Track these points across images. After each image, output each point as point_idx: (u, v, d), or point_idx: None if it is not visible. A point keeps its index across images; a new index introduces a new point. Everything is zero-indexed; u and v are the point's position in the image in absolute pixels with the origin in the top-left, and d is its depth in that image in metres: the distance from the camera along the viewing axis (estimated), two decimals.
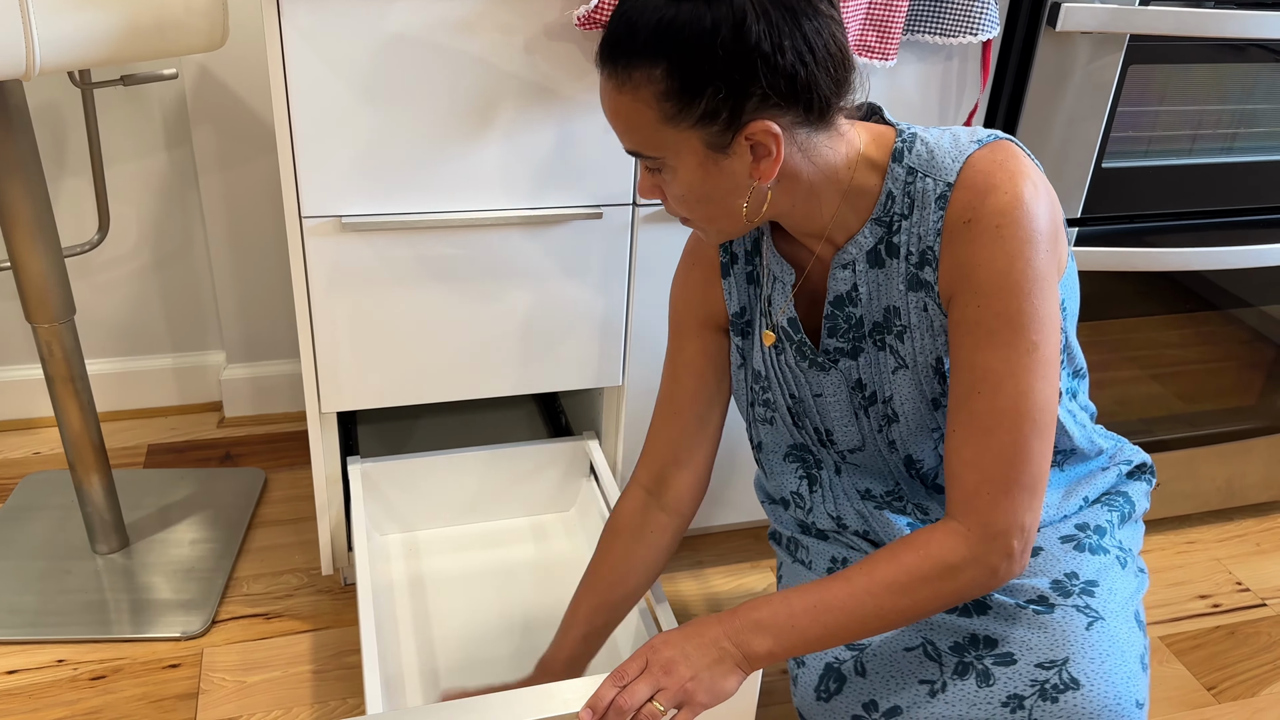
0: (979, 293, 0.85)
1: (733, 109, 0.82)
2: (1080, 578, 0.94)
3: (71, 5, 1.08)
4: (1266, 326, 1.66)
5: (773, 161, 0.85)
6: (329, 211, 1.20)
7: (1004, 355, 0.85)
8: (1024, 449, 0.85)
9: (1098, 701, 0.86)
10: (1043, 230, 0.84)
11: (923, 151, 0.90)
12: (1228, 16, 1.32)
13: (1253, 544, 1.79)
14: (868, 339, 0.97)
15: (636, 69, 0.83)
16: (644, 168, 0.92)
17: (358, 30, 1.11)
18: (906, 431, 0.99)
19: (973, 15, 1.23)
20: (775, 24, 0.80)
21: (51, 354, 1.42)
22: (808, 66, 0.82)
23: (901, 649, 0.97)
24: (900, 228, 0.91)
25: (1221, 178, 1.47)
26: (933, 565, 0.87)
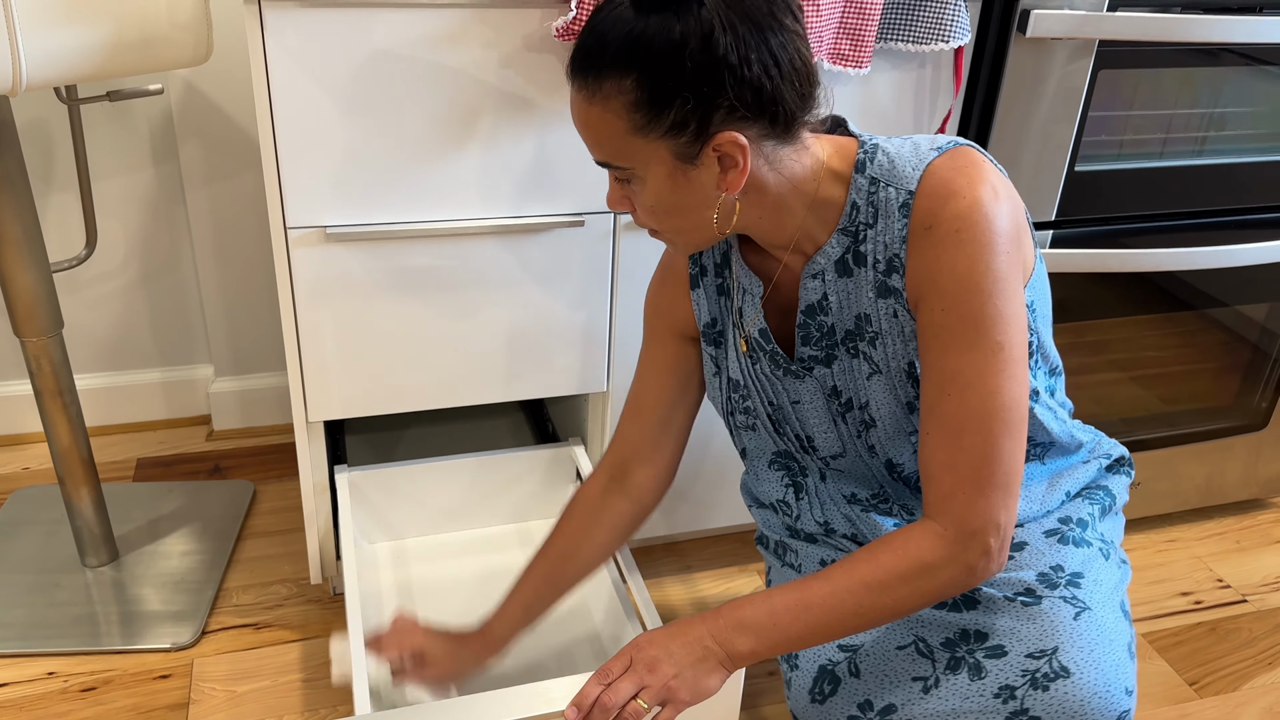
0: (943, 296, 0.87)
1: (700, 120, 0.84)
2: (1066, 570, 0.96)
3: (58, 21, 1.09)
4: (1242, 326, 1.69)
5: (739, 173, 0.87)
6: (313, 222, 1.21)
7: (970, 357, 0.87)
8: (995, 448, 0.87)
9: (1088, 689, 0.88)
10: (1003, 232, 0.86)
11: (884, 161, 0.92)
12: (1194, 21, 1.35)
13: (1233, 541, 1.81)
14: (840, 346, 0.99)
15: (607, 80, 0.85)
16: (613, 179, 0.94)
17: (340, 44, 1.13)
18: (885, 436, 1.01)
19: (944, 23, 1.26)
20: (742, 37, 0.82)
21: (40, 368, 1.43)
22: (773, 80, 0.84)
23: (894, 647, 0.99)
24: (866, 237, 0.93)
25: (1192, 180, 1.50)
26: (911, 565, 0.88)
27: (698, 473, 1.56)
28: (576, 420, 1.57)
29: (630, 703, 0.92)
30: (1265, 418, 1.78)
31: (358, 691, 1.05)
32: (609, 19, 0.85)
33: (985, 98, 1.37)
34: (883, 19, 1.27)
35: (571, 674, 1.11)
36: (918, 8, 1.26)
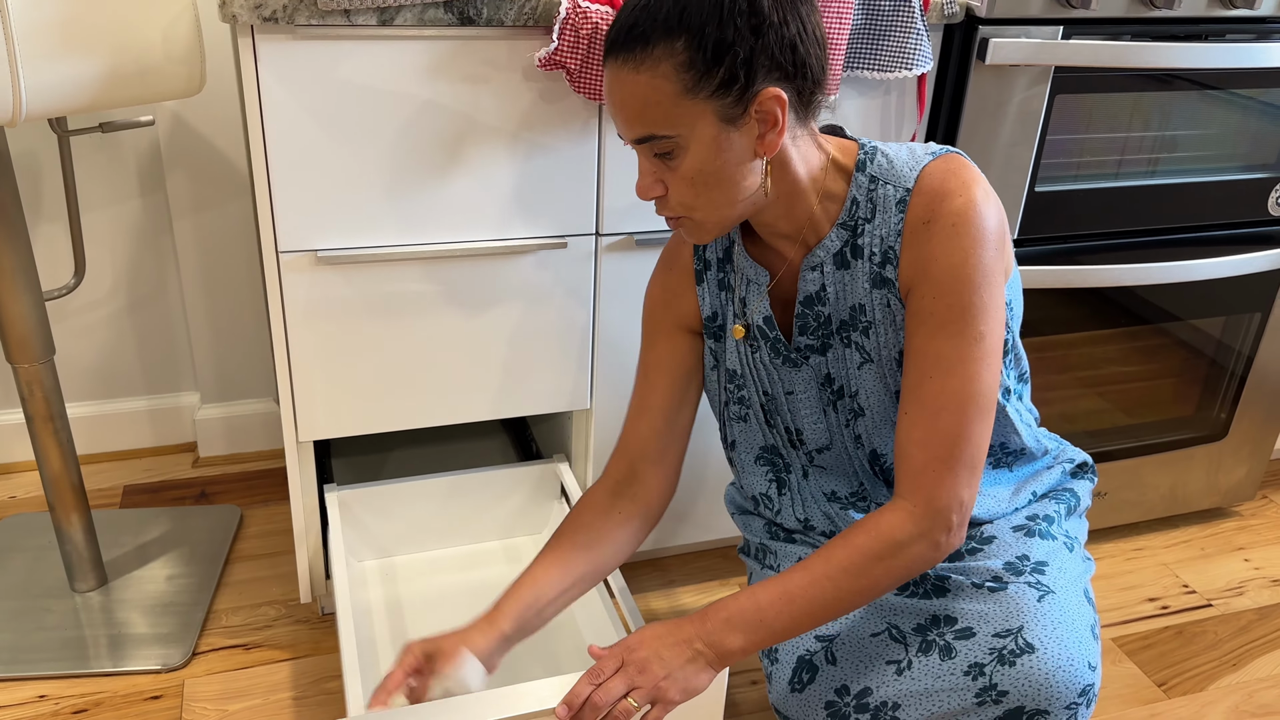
0: (934, 285, 0.93)
1: (747, 74, 0.89)
2: (1031, 559, 1.01)
3: (58, 53, 1.13)
4: (1199, 341, 1.76)
5: (778, 133, 0.92)
6: (304, 246, 1.25)
7: (955, 343, 0.93)
8: (967, 429, 0.93)
9: (1052, 662, 0.93)
10: (992, 231, 0.93)
11: (883, 162, 0.98)
12: (1144, 48, 1.42)
13: (1197, 549, 1.87)
14: (835, 336, 1.04)
15: (657, 45, 0.89)
16: (648, 159, 0.96)
17: (331, 75, 1.17)
18: (872, 425, 1.06)
19: (907, 51, 1.32)
20: (780, 0, 0.89)
21: (32, 394, 1.45)
22: (804, 41, 0.90)
23: (868, 635, 1.03)
24: (864, 231, 0.99)
25: (1146, 199, 1.57)
26: (883, 543, 0.93)
27: (681, 489, 1.60)
28: (560, 438, 1.61)
29: (621, 702, 0.95)
30: (1224, 428, 1.84)
31: (350, 692, 1.07)
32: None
33: (948, 122, 1.44)
34: (849, 48, 1.33)
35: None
36: (882, 38, 1.32)
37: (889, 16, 1.31)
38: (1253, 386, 1.82)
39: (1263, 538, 1.91)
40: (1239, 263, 1.64)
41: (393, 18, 1.15)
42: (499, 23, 1.18)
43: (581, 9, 1.17)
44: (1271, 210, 1.66)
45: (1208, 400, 1.82)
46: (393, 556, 1.53)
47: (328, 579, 1.51)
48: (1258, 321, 1.76)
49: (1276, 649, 1.63)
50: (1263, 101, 1.58)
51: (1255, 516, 1.97)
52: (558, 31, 1.17)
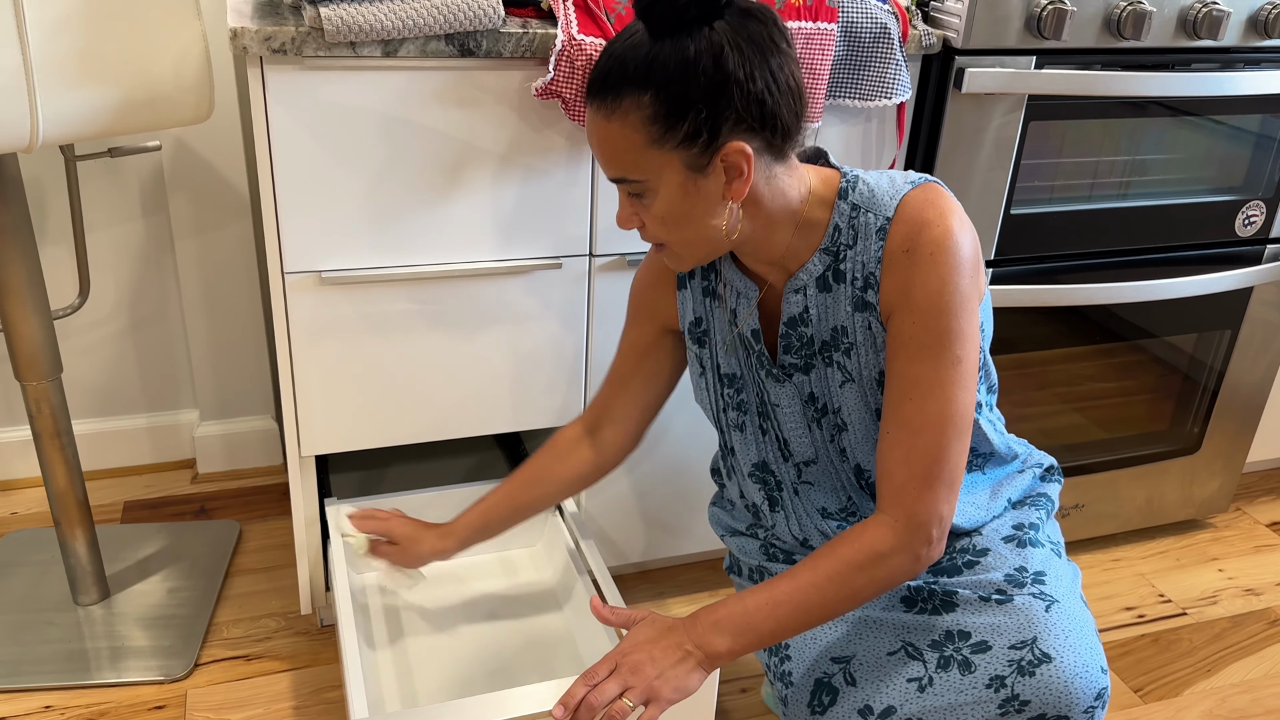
0: (914, 310, 0.98)
1: (711, 129, 0.94)
2: (1029, 570, 1.06)
3: (74, 82, 1.18)
4: (1173, 357, 1.82)
5: (744, 181, 0.96)
6: (309, 267, 1.30)
7: (933, 366, 0.98)
8: (946, 449, 0.97)
9: (1070, 670, 0.97)
10: (968, 259, 0.98)
11: (865, 190, 1.03)
12: (1114, 78, 1.49)
13: (1173, 559, 1.93)
14: (818, 356, 1.09)
15: (626, 97, 0.94)
16: (625, 196, 1.02)
17: (336, 102, 1.23)
18: (855, 440, 1.11)
19: (887, 81, 1.38)
20: (747, 56, 0.93)
21: (40, 411, 1.49)
22: (773, 95, 0.94)
23: (884, 654, 1.07)
24: (846, 256, 1.04)
25: (1118, 221, 1.63)
26: (865, 555, 0.98)
27: (669, 502, 1.65)
28: None
29: (616, 702, 0.99)
30: (1198, 442, 1.90)
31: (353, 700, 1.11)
32: (626, 45, 0.95)
33: (926, 148, 1.50)
34: (831, 78, 1.39)
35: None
36: (863, 68, 1.38)
37: (870, 48, 1.37)
38: (1224, 401, 1.88)
39: (1236, 549, 1.96)
40: (1208, 282, 1.71)
41: (396, 49, 1.20)
42: (497, 54, 1.24)
43: (576, 41, 1.22)
44: (1239, 231, 1.72)
45: (1181, 415, 1.88)
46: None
47: (327, 591, 1.55)
48: (1228, 338, 1.82)
49: (1249, 655, 1.69)
50: (1229, 127, 1.64)
51: (1228, 528, 2.03)
52: (553, 63, 1.23)
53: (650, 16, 0.93)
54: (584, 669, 1.36)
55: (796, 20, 1.31)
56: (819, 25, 1.32)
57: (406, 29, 1.18)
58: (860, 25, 1.35)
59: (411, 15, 1.17)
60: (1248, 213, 1.71)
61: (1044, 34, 1.44)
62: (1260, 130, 1.66)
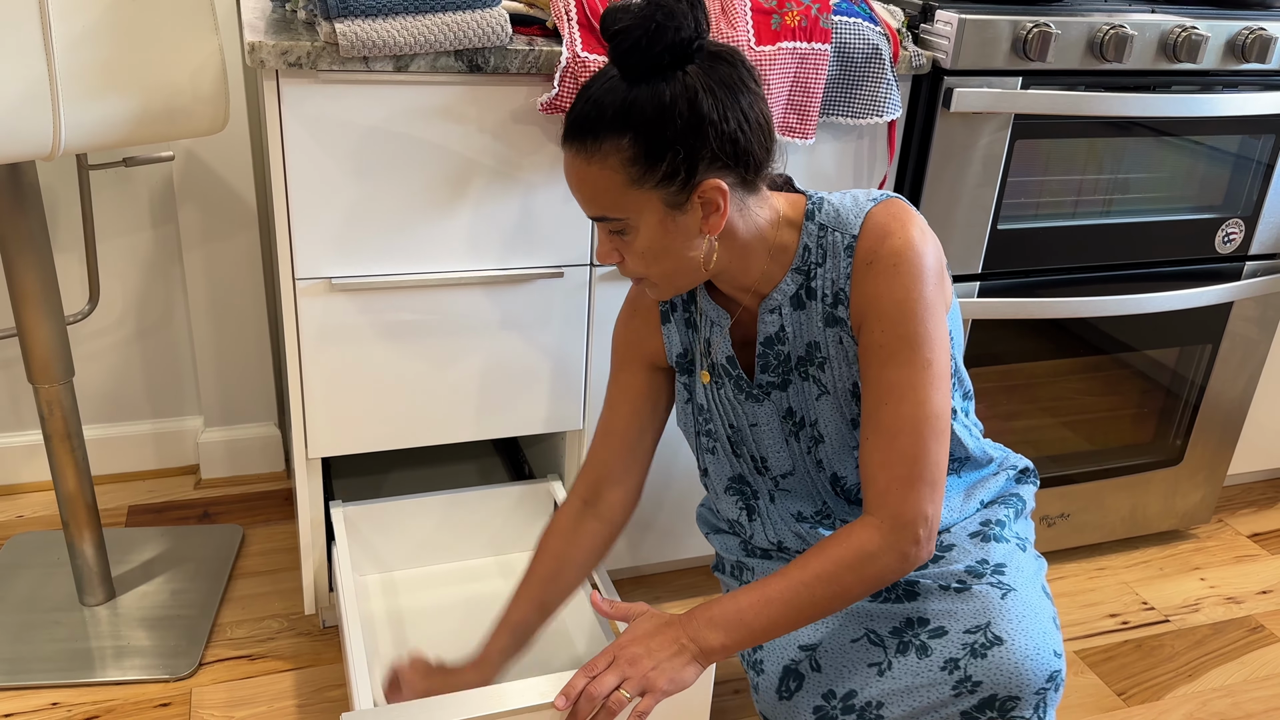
0: (882, 319, 1.03)
1: (688, 169, 0.98)
2: (990, 562, 1.10)
3: (95, 94, 1.23)
4: (1155, 371, 1.87)
5: (720, 216, 1.01)
6: (319, 273, 1.34)
7: (905, 371, 1.02)
8: (924, 449, 1.02)
9: (1020, 652, 1.02)
10: (930, 267, 1.03)
11: (830, 211, 1.08)
12: (1097, 98, 1.54)
13: (1156, 568, 1.97)
14: (794, 372, 1.14)
15: (605, 141, 0.99)
16: (605, 232, 1.07)
17: (347, 115, 1.27)
18: (831, 450, 1.15)
19: (878, 100, 1.43)
20: (719, 98, 0.98)
21: (51, 413, 1.53)
22: (745, 133, 0.99)
23: (848, 641, 1.12)
24: (816, 274, 1.08)
25: (1102, 237, 1.68)
26: (854, 555, 1.02)
27: (663, 507, 1.69)
28: (553, 459, 1.70)
29: (614, 694, 1.03)
30: (1180, 454, 1.95)
31: (358, 695, 1.15)
32: (602, 89, 0.99)
33: (916, 164, 1.55)
34: (825, 96, 1.44)
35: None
36: (855, 87, 1.43)
37: (861, 68, 1.42)
38: (1205, 414, 1.93)
39: (1217, 558, 2.01)
40: (1189, 297, 1.76)
41: (407, 65, 1.25)
42: (504, 71, 1.28)
43: (580, 59, 1.27)
44: (1219, 248, 1.78)
45: (1164, 427, 1.93)
46: (393, 571, 1.60)
47: (331, 592, 1.58)
48: (1209, 353, 1.87)
49: (1229, 661, 1.73)
50: (1210, 147, 1.70)
51: (1211, 539, 2.07)
52: (558, 79, 1.28)
53: (626, 63, 0.98)
54: (575, 656, 1.40)
55: (792, 40, 1.36)
56: (813, 45, 1.37)
57: (418, 45, 1.22)
58: (853, 46, 1.41)
59: (423, 32, 1.22)
60: (1227, 230, 1.77)
61: (1030, 56, 1.49)
62: (1239, 151, 1.72)
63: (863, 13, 1.43)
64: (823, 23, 1.37)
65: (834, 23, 1.39)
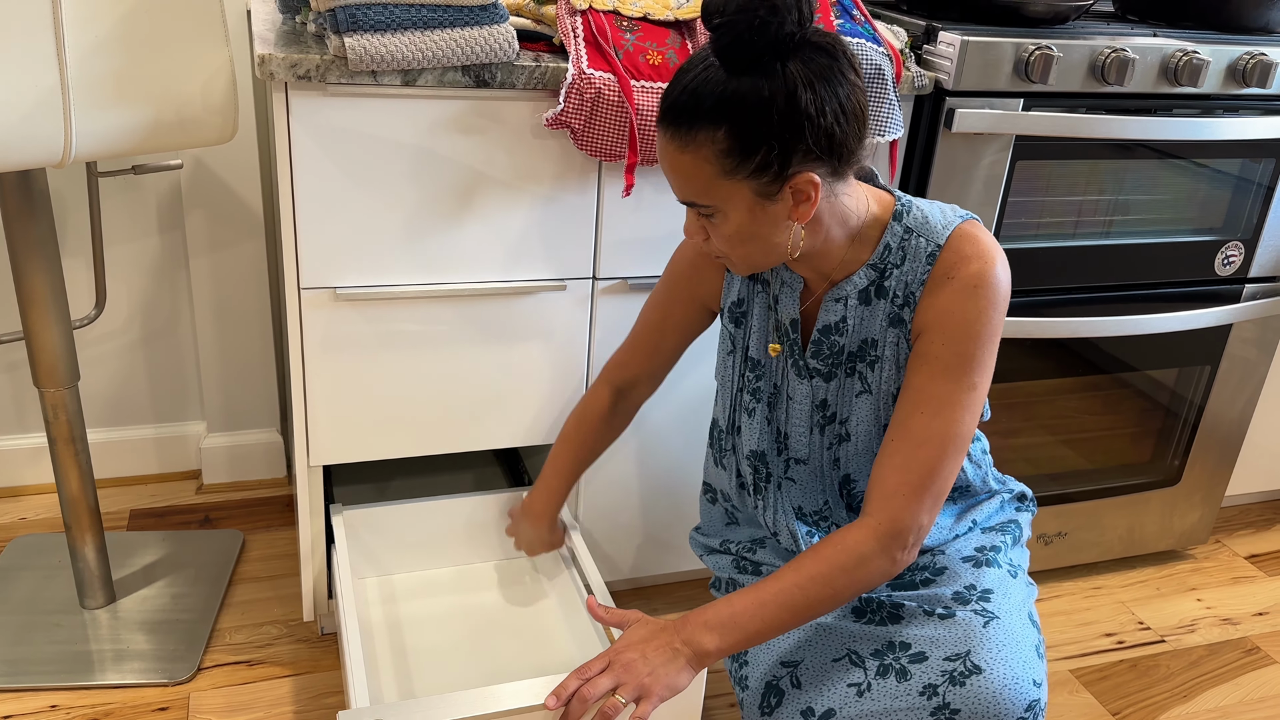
0: (945, 332, 1.04)
1: (781, 163, 0.98)
2: (978, 588, 1.11)
3: (107, 103, 1.24)
4: (1155, 391, 1.88)
5: (810, 205, 1.01)
6: (325, 283, 1.36)
7: (950, 387, 1.04)
8: (942, 465, 1.03)
9: (998, 682, 1.02)
10: (1003, 296, 1.05)
11: (919, 216, 1.09)
12: (1098, 120, 1.56)
13: (1153, 588, 1.98)
14: (842, 366, 1.15)
15: (700, 131, 0.98)
16: (693, 213, 1.07)
17: (355, 127, 1.29)
18: (853, 451, 1.16)
19: (881, 119, 1.45)
20: (819, 93, 0.96)
21: (56, 417, 1.54)
22: (842, 126, 0.99)
23: (829, 660, 1.12)
24: (892, 274, 1.09)
25: (1101, 258, 1.69)
26: (849, 557, 1.03)
27: (661, 519, 1.70)
28: None
29: (610, 698, 1.04)
30: (1178, 474, 1.96)
31: (355, 693, 1.16)
32: (701, 78, 0.98)
33: (918, 184, 1.56)
34: None
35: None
36: None
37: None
38: (1204, 435, 1.93)
39: (1214, 579, 2.01)
40: (1188, 318, 1.77)
41: (415, 79, 1.26)
42: (511, 86, 1.30)
43: (586, 75, 1.29)
44: (1218, 270, 1.79)
45: (1162, 447, 1.94)
46: (392, 575, 1.61)
47: (330, 598, 1.59)
48: (1208, 374, 1.88)
49: (1224, 682, 1.73)
50: (1210, 170, 1.71)
51: (1208, 560, 2.08)
52: (564, 95, 1.29)
53: (727, 55, 0.97)
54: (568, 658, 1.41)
55: None
56: None
57: (426, 60, 1.24)
58: None
59: (431, 47, 1.24)
60: (1227, 253, 1.78)
61: (1031, 78, 1.50)
62: (1239, 174, 1.73)
63: (866, 33, 1.45)
64: None
65: None
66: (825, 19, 1.39)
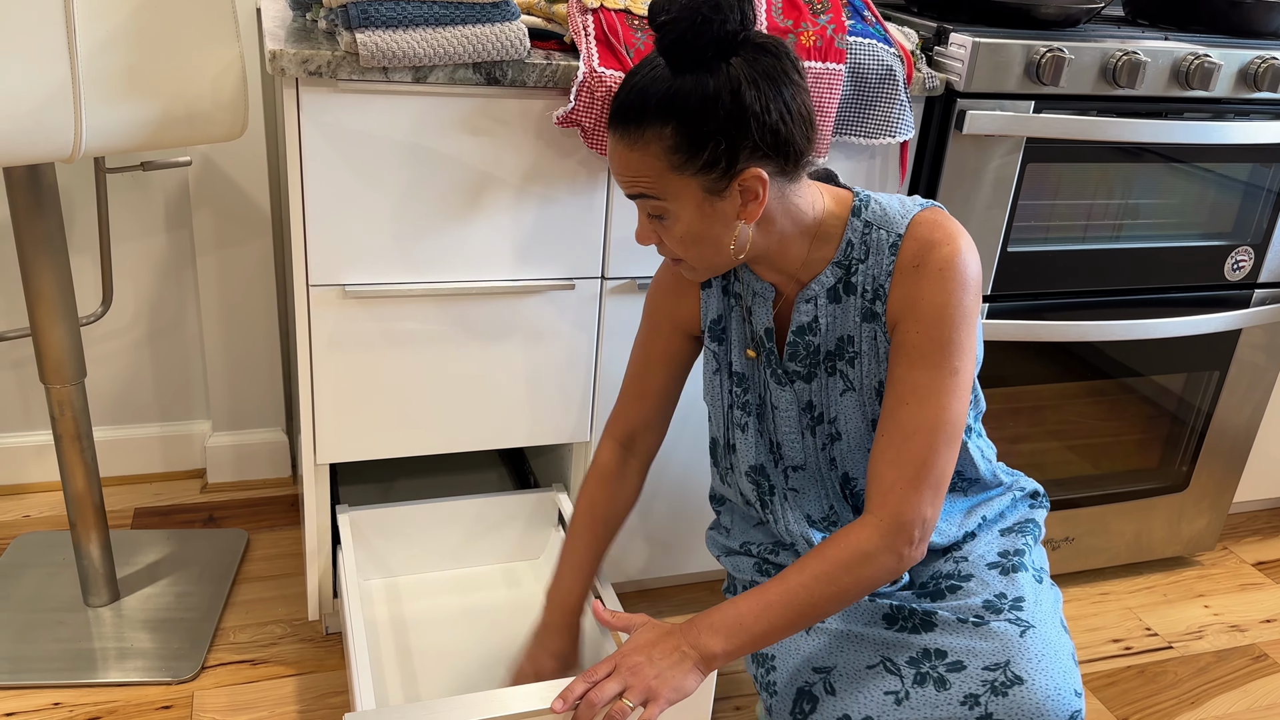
0: (919, 321, 1.04)
1: (729, 158, 1.00)
2: (1009, 596, 1.10)
3: (117, 98, 1.24)
4: (1162, 396, 1.87)
5: (758, 204, 1.02)
6: (333, 281, 1.35)
7: (931, 374, 1.03)
8: (936, 453, 1.03)
9: (1042, 692, 1.01)
10: (973, 278, 1.04)
11: (877, 209, 1.10)
12: (1109, 123, 1.55)
13: (1160, 594, 1.97)
14: (821, 365, 1.14)
15: (648, 129, 1.00)
16: (644, 215, 1.08)
17: (365, 125, 1.28)
18: (847, 449, 1.16)
19: (891, 120, 1.44)
20: (763, 90, 0.99)
21: (63, 414, 1.53)
22: (787, 124, 1.00)
23: (864, 667, 1.11)
24: (857, 269, 1.10)
25: (1110, 262, 1.69)
26: (852, 555, 1.03)
27: (668, 521, 1.69)
28: (559, 468, 1.70)
29: (617, 702, 1.03)
30: (1185, 480, 1.95)
31: (361, 694, 1.15)
32: (647, 78, 1.00)
33: (928, 185, 1.56)
34: (839, 116, 1.45)
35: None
36: (869, 107, 1.44)
37: (875, 88, 1.43)
38: (1212, 441, 1.93)
39: (1222, 586, 2.00)
40: (1197, 323, 1.76)
41: (426, 76, 1.26)
42: (522, 84, 1.30)
43: (597, 74, 1.29)
44: (1228, 275, 1.78)
45: (1170, 453, 1.93)
46: (397, 576, 1.61)
47: (335, 598, 1.58)
48: (1216, 379, 1.88)
49: (1232, 689, 1.72)
50: (1220, 174, 1.71)
51: (1215, 566, 2.07)
52: (574, 93, 1.29)
53: (672, 54, 0.99)
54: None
55: (807, 60, 1.37)
56: (828, 65, 1.38)
57: (437, 57, 1.24)
58: (867, 67, 1.42)
59: (442, 44, 1.23)
60: (1236, 257, 1.77)
61: (1043, 80, 1.50)
62: (1249, 179, 1.72)
63: (878, 34, 1.44)
64: (838, 43, 1.38)
65: (849, 44, 1.40)
66: (837, 19, 1.39)
